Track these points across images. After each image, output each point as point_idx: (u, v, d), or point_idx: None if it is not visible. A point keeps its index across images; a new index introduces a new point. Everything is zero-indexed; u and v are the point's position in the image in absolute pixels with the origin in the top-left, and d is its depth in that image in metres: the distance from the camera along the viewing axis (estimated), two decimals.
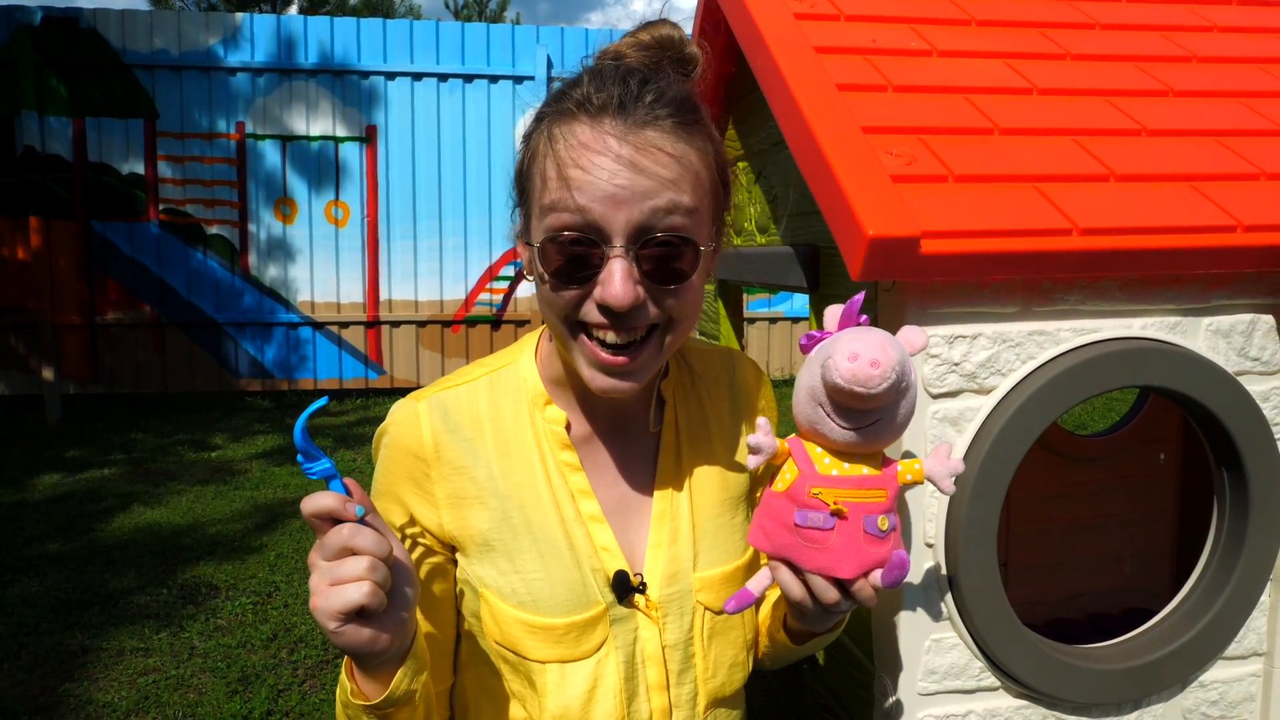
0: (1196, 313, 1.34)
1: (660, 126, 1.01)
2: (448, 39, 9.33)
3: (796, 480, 1.03)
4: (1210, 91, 1.56)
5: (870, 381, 0.95)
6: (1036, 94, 1.48)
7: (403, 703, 1.00)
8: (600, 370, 1.07)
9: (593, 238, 1.00)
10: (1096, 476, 2.22)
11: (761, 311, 10.34)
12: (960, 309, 1.25)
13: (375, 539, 0.92)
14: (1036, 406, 1.25)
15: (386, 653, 0.96)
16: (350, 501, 0.92)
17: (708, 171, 1.07)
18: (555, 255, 1.02)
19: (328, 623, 0.90)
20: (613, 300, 1.00)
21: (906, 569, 1.00)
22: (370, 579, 0.90)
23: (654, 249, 1.01)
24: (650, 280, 1.02)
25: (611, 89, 1.02)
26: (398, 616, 0.96)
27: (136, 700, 3.54)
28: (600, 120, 1.01)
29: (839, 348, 0.97)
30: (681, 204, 1.01)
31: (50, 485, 6.40)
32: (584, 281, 1.02)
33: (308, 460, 0.93)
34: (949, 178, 1.27)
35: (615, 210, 0.99)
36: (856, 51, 1.50)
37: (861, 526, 1.01)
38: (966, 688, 1.32)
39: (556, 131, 1.03)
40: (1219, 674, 1.41)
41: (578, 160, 0.99)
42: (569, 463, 1.19)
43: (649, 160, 0.99)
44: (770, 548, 1.05)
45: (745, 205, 1.91)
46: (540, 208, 1.04)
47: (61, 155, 8.74)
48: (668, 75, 1.08)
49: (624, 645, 1.15)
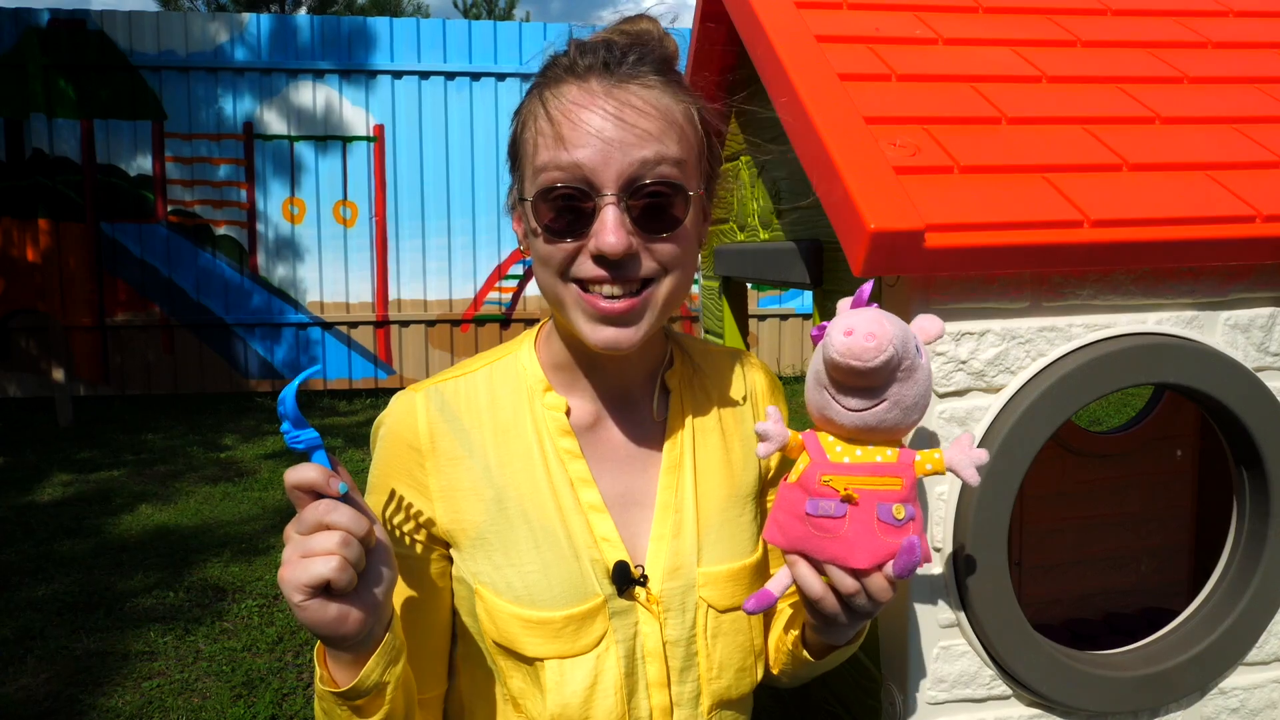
0: (1214, 306, 1.30)
1: (644, 81, 1.06)
2: (455, 37, 9.33)
3: (808, 469, 1.01)
4: (1226, 78, 1.51)
5: (865, 354, 0.93)
6: (1045, 82, 1.44)
7: (373, 694, 0.98)
8: (600, 321, 1.07)
9: (585, 189, 1.03)
10: (1111, 473, 2.18)
11: (772, 308, 10.31)
12: (967, 304, 1.22)
13: (352, 515, 0.91)
14: (1047, 405, 1.21)
15: (356, 636, 0.94)
16: (334, 476, 0.91)
17: (692, 127, 1.10)
18: (548, 209, 1.05)
19: (293, 595, 0.89)
20: (607, 247, 1.02)
21: (917, 555, 0.96)
22: (341, 554, 0.89)
23: (644, 199, 1.04)
24: (642, 230, 1.05)
25: (597, 53, 1.08)
26: (370, 596, 0.94)
27: (140, 705, 3.53)
28: (587, 80, 1.06)
29: (836, 324, 0.97)
30: (668, 155, 1.04)
31: (60, 487, 6.41)
32: (578, 233, 1.04)
33: (294, 428, 0.91)
34: (954, 169, 1.23)
35: (605, 162, 1.02)
36: (859, 40, 1.46)
37: (875, 514, 0.98)
38: (977, 696, 1.28)
39: (547, 94, 1.07)
40: (1239, 680, 1.37)
41: (568, 115, 1.04)
42: (569, 450, 1.17)
43: (635, 113, 1.04)
44: (785, 541, 1.03)
45: (748, 201, 1.87)
46: (533, 168, 1.07)
47: (70, 157, 8.78)
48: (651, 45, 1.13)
49: (624, 640, 1.13)
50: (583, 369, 1.19)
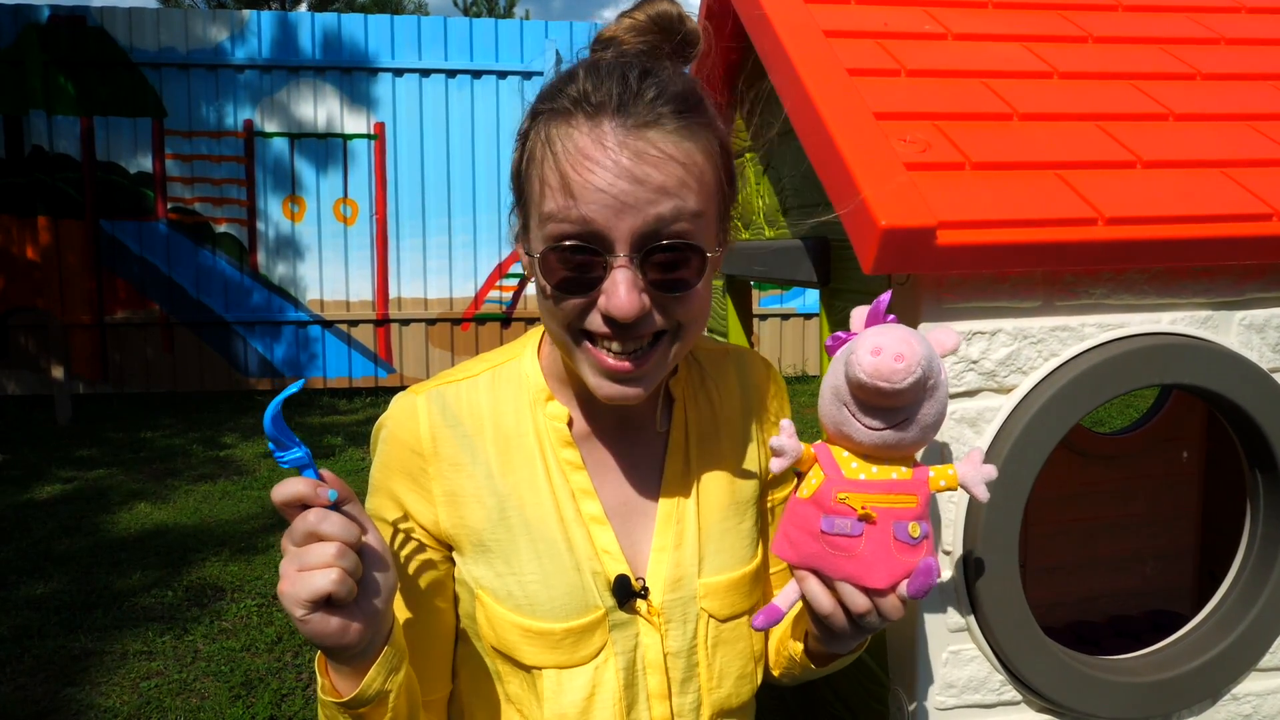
0: (1229, 306, 1.28)
1: (662, 126, 0.97)
2: (456, 35, 9.30)
3: (822, 485, 0.98)
4: (1240, 74, 1.49)
5: (895, 376, 0.90)
6: (1057, 78, 1.42)
7: (375, 702, 0.96)
8: (607, 378, 1.03)
9: (595, 247, 0.96)
10: (1116, 475, 2.16)
11: (773, 308, 10.28)
12: (978, 303, 1.20)
13: (343, 523, 0.89)
14: (1060, 406, 1.19)
15: (358, 645, 0.92)
16: (322, 486, 0.89)
17: (713, 169, 1.02)
18: (557, 265, 0.98)
19: (295, 610, 0.88)
20: (617, 312, 0.96)
21: (934, 577, 0.94)
22: (338, 565, 0.87)
23: (659, 256, 0.97)
24: (656, 289, 0.98)
25: (610, 86, 0.97)
26: (370, 606, 0.92)
27: (138, 705, 3.50)
28: (599, 122, 0.96)
29: (862, 343, 0.94)
30: (686, 209, 0.97)
31: (58, 485, 6.38)
32: (587, 291, 0.98)
33: (279, 449, 0.90)
34: (966, 165, 1.21)
35: (618, 218, 0.94)
36: (868, 35, 1.44)
37: (891, 533, 0.96)
38: (986, 702, 1.26)
39: (554, 133, 0.98)
40: (1252, 686, 1.34)
41: (577, 167, 0.95)
42: (570, 461, 1.14)
43: (652, 165, 0.95)
44: (796, 558, 1.00)
45: (753, 198, 1.85)
46: (540, 215, 0.99)
47: (70, 154, 8.74)
48: (667, 65, 1.04)
49: (624, 652, 1.11)
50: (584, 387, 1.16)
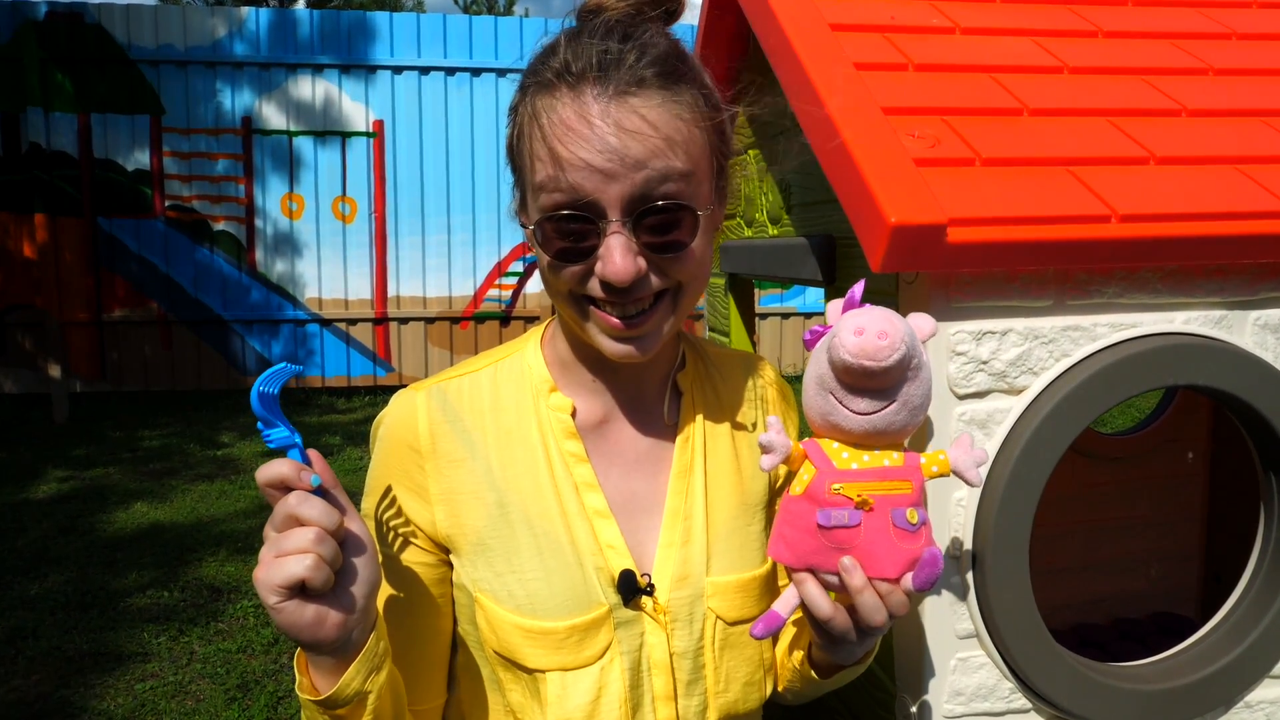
0: (1244, 306, 1.26)
1: (645, 89, 0.97)
2: (455, 32, 9.29)
3: (815, 479, 0.96)
4: (1253, 69, 1.47)
5: (880, 353, 0.89)
6: (1067, 73, 1.40)
7: (354, 703, 0.94)
8: (614, 338, 1.04)
9: (588, 215, 0.97)
10: (1121, 476, 2.14)
11: (773, 307, 10.27)
12: (989, 303, 1.17)
13: (323, 509, 0.87)
14: (1071, 407, 1.17)
15: (335, 639, 0.90)
16: (306, 470, 0.88)
17: (701, 129, 1.02)
18: (553, 235, 1.00)
19: (268, 597, 0.86)
20: (614, 277, 0.97)
21: (939, 567, 0.92)
22: (315, 551, 0.85)
23: (651, 219, 0.98)
24: (651, 251, 0.99)
25: (590, 53, 0.97)
26: (349, 597, 0.90)
27: (133, 708, 3.48)
28: (581, 90, 0.97)
29: (844, 326, 0.92)
30: (675, 170, 0.97)
31: (55, 484, 6.36)
32: (584, 259, 1.00)
33: (267, 427, 0.88)
34: (976, 161, 1.19)
35: (607, 186, 0.95)
36: (874, 29, 1.42)
37: (890, 521, 0.93)
38: (995, 710, 1.24)
39: (539, 106, 1.00)
40: (1266, 694, 1.32)
41: (563, 139, 0.96)
42: (574, 453, 1.12)
43: (636, 128, 0.95)
44: (793, 558, 0.97)
45: (756, 195, 1.83)
46: (533, 187, 1.01)
47: (67, 151, 8.73)
48: (649, 28, 1.03)
49: (629, 651, 1.08)
50: (593, 369, 1.15)
